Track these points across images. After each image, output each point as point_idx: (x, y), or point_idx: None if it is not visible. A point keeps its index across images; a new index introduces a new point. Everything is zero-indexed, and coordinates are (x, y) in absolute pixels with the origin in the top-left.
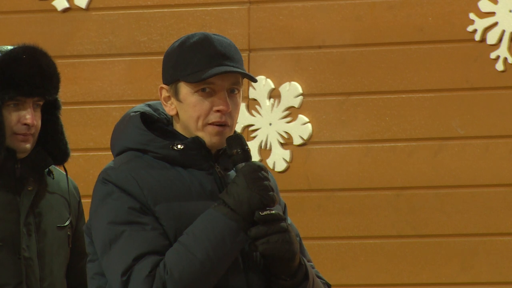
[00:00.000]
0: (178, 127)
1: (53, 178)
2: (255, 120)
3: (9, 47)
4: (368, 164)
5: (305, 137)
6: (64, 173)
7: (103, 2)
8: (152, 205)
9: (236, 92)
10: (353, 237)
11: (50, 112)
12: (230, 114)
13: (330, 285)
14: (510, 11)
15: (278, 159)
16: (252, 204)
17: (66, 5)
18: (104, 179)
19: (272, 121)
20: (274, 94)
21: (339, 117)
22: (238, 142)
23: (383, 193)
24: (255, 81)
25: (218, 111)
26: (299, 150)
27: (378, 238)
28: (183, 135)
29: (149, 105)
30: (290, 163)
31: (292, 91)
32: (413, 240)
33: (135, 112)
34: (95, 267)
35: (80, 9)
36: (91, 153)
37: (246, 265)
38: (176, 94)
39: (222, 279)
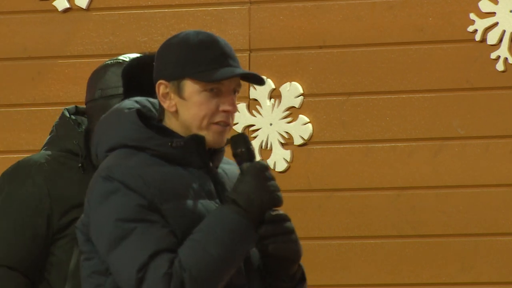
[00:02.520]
0: (172, 124)
1: None
2: (255, 120)
3: (135, 54)
4: (369, 164)
5: (306, 137)
6: None
7: (104, 2)
8: (159, 203)
9: (237, 93)
10: (354, 237)
11: None
12: (232, 115)
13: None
14: (511, 11)
15: (278, 159)
16: (263, 203)
17: (67, 5)
18: (109, 176)
19: (273, 121)
20: (274, 94)
21: (340, 117)
22: (242, 141)
23: (383, 193)
24: (264, 83)
25: (225, 111)
26: (300, 150)
27: (379, 238)
28: (177, 133)
29: (136, 102)
30: (290, 163)
31: (292, 91)
32: (413, 240)
33: (129, 108)
34: (93, 266)
35: (80, 9)
36: None
37: (246, 265)
38: (179, 91)
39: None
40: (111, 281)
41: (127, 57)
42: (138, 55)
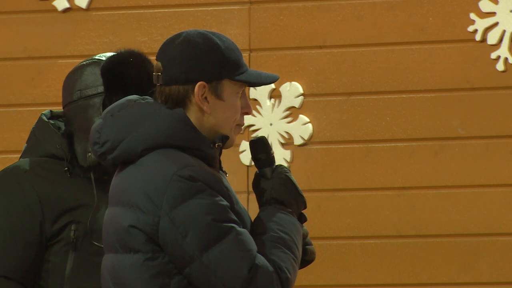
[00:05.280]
0: (199, 125)
1: None
2: (255, 120)
3: (111, 53)
4: (369, 164)
5: (306, 137)
6: None
7: (104, 2)
8: (231, 205)
9: None
10: (354, 237)
11: None
12: None
13: None
14: (511, 11)
15: (278, 159)
16: (301, 206)
17: (67, 5)
18: (191, 176)
19: (273, 121)
20: (274, 94)
21: (340, 117)
22: (264, 146)
23: (383, 193)
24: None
25: (246, 113)
26: (300, 150)
27: (379, 238)
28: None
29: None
30: (290, 163)
31: (292, 91)
32: (414, 240)
33: (171, 109)
34: (158, 266)
35: (80, 9)
36: None
37: None
38: (216, 92)
39: None
40: (177, 281)
41: (102, 56)
42: (114, 53)
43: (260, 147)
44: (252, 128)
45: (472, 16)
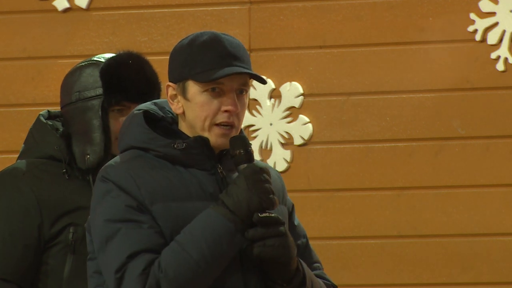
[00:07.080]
0: (183, 126)
1: None
2: (255, 120)
3: (109, 54)
4: (369, 164)
5: (306, 137)
6: None
7: (104, 2)
8: (149, 204)
9: (244, 93)
10: (354, 237)
11: None
12: (237, 115)
13: (336, 286)
14: (511, 11)
15: (278, 159)
16: (251, 206)
17: (67, 5)
18: (103, 177)
19: (273, 121)
20: (274, 94)
21: (340, 117)
22: (241, 143)
23: (383, 193)
24: (265, 82)
25: (226, 111)
26: (300, 150)
27: (379, 238)
28: (187, 135)
29: (155, 103)
30: (290, 163)
31: (292, 91)
32: (414, 240)
33: (139, 110)
34: (95, 265)
35: (80, 9)
36: None
37: (245, 266)
38: (183, 92)
39: (219, 279)
40: None
41: (101, 57)
42: (113, 54)
43: (235, 144)
44: (252, 128)
45: (472, 16)
